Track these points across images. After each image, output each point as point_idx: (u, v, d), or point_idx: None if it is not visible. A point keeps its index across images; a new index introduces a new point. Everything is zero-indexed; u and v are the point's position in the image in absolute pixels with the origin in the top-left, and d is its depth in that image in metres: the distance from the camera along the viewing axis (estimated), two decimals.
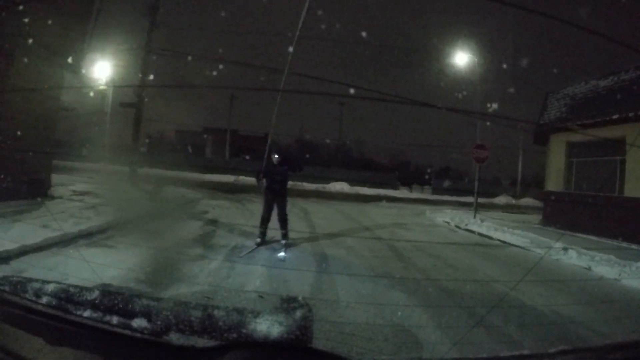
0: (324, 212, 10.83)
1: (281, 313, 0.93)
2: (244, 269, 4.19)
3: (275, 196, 5.47)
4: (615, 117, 8.01)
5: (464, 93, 14.35)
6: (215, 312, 0.91)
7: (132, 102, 13.64)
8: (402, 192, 26.00)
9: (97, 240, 5.02)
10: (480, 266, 5.36)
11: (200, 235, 6.03)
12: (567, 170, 9.76)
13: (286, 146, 28.81)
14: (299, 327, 0.87)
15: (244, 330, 0.86)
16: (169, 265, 4.14)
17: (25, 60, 6.76)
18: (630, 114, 7.75)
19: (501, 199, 24.43)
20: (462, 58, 13.01)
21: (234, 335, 0.85)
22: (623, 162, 8.21)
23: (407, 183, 29.89)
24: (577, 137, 9.38)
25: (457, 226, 9.72)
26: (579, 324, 3.21)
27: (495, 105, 13.60)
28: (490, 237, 8.07)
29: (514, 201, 24.20)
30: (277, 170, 5.46)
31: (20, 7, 6.45)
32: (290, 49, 4.35)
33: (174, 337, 0.86)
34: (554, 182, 10.11)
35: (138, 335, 0.87)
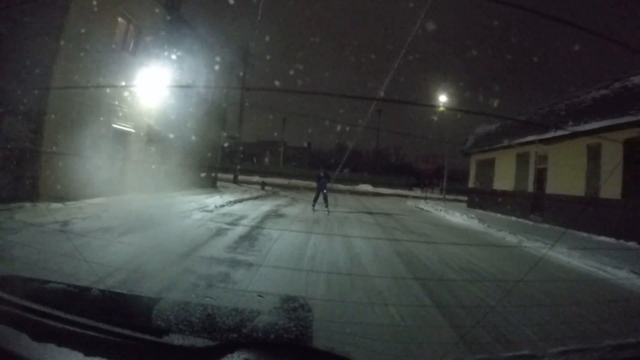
0: (347, 201, 19.60)
1: (281, 313, 0.99)
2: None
3: (321, 189, 13.84)
4: (487, 147, 16.20)
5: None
6: (216, 312, 0.96)
7: (234, 135, 23.50)
8: (414, 192, 34.05)
9: (252, 201, 14.13)
10: (399, 213, 13.92)
11: (291, 201, 15.04)
12: (477, 175, 17.94)
13: (328, 162, 37.33)
14: (299, 327, 0.91)
15: (244, 330, 0.89)
16: (289, 204, 13.17)
17: (211, 128, 16.13)
18: (496, 145, 15.88)
19: None
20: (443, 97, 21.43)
21: (234, 335, 0.89)
22: (494, 171, 16.33)
23: (421, 185, 37.88)
24: (479, 157, 17.56)
25: (416, 206, 18.12)
26: (410, 224, 11.87)
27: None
28: (422, 209, 16.49)
29: None
30: (322, 177, 14.16)
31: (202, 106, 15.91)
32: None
33: (174, 337, 0.87)
34: (472, 182, 18.29)
35: (138, 335, 0.88)
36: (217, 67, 15.56)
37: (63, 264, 3.39)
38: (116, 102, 9.27)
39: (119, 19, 9.20)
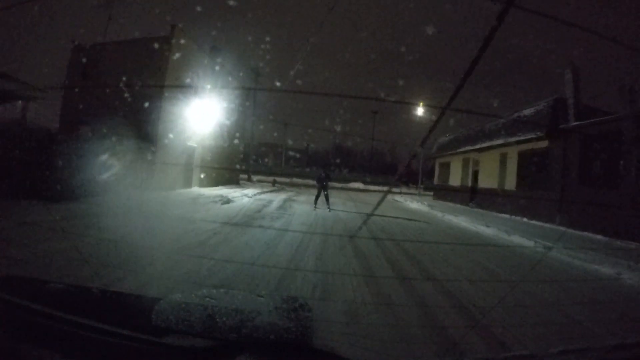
0: (339, 195, 24.76)
1: (281, 313, 0.99)
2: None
3: (322, 188, 19.02)
4: (445, 153, 21.43)
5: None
6: (216, 312, 0.95)
7: (248, 143, 28.64)
8: (399, 189, 39.28)
9: (270, 193, 19.26)
10: (375, 203, 19.07)
11: (297, 194, 20.12)
12: (439, 174, 23.18)
13: (328, 163, 42.57)
14: (299, 327, 0.92)
15: (244, 331, 0.89)
16: (296, 195, 18.26)
17: (234, 138, 21.28)
18: (450, 152, 21.09)
19: None
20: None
21: (234, 335, 0.88)
22: (449, 171, 21.54)
23: (407, 182, 43.18)
24: (441, 160, 22.78)
25: (395, 200, 23.27)
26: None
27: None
28: (396, 200, 21.66)
29: None
30: (323, 178, 19.13)
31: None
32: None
33: (174, 338, 0.88)
34: (436, 180, 23.53)
35: (138, 335, 0.89)
36: (238, 90, 20.72)
37: (214, 209, 8.57)
38: (187, 129, 14.38)
39: (190, 75, 14.35)
